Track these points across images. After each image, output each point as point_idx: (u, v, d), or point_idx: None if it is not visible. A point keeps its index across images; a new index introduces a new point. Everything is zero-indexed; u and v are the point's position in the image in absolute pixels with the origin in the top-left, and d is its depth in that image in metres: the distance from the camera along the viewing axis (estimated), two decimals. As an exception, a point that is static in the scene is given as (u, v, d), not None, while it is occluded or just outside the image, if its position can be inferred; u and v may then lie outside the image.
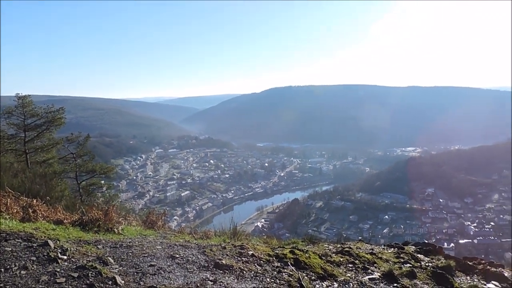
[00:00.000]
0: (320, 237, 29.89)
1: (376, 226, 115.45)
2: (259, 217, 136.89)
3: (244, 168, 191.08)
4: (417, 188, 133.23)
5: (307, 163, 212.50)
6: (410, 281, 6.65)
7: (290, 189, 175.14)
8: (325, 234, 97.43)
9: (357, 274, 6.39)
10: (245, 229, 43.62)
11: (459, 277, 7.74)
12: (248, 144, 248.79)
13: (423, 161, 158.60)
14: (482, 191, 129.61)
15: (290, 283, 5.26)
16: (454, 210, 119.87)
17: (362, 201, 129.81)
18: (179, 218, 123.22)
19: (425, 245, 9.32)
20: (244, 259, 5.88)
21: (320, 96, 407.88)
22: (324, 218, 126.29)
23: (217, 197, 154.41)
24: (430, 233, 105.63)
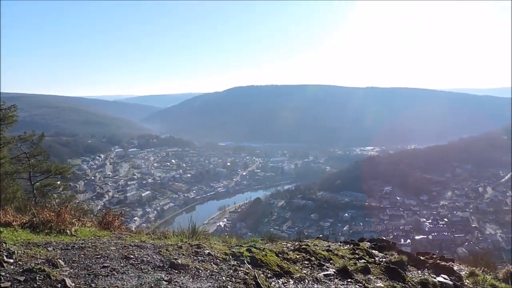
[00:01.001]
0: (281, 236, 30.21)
1: (336, 224, 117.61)
2: (221, 217, 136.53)
3: (206, 168, 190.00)
4: (375, 187, 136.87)
5: (269, 162, 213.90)
6: (364, 276, 6.83)
7: (252, 188, 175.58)
8: (287, 233, 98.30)
9: (312, 271, 6.49)
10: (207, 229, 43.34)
11: (411, 271, 8.02)
12: (210, 143, 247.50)
13: (381, 160, 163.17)
14: (437, 189, 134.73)
15: (246, 281, 5.28)
16: (411, 207, 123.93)
17: (323, 200, 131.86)
18: (140, 219, 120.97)
19: (379, 241, 9.60)
20: (200, 258, 5.85)
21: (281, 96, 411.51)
22: (286, 216, 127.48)
23: (178, 197, 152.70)
24: (388, 230, 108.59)
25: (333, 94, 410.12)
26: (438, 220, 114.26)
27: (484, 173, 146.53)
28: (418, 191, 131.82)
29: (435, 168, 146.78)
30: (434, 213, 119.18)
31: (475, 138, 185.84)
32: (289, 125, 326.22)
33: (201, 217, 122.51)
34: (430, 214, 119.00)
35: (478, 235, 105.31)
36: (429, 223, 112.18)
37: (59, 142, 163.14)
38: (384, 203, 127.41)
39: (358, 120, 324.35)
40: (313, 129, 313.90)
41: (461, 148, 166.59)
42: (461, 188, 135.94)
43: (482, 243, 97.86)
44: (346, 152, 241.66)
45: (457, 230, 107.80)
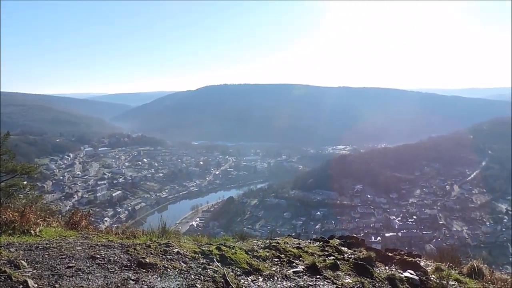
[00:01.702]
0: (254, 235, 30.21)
1: (309, 222, 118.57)
2: (194, 216, 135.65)
3: (179, 167, 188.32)
4: (347, 185, 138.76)
5: (242, 161, 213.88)
6: (333, 272, 6.91)
7: (225, 188, 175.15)
8: (260, 232, 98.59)
9: (282, 268, 6.53)
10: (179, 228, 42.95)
11: (379, 267, 8.17)
12: (183, 142, 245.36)
13: (353, 158, 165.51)
14: (406, 187, 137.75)
15: (215, 279, 5.26)
16: (381, 205, 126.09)
17: (296, 198, 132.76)
18: (111, 220, 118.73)
19: (348, 238, 9.74)
20: (169, 257, 5.79)
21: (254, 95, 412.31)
22: (259, 215, 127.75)
23: (150, 197, 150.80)
24: (359, 228, 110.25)
25: (306, 94, 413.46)
26: (407, 217, 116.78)
27: (451, 172, 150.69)
28: (388, 189, 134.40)
29: (404, 167, 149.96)
30: (404, 211, 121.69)
31: (443, 138, 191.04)
32: (262, 124, 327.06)
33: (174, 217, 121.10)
34: (399, 211, 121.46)
35: (446, 231, 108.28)
36: (399, 220, 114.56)
37: (26, 141, 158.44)
38: (355, 201, 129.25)
39: (331, 119, 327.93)
40: (286, 128, 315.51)
41: (430, 147, 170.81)
42: (429, 186, 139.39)
43: (449, 239, 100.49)
44: (318, 151, 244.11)
45: (426, 227, 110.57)
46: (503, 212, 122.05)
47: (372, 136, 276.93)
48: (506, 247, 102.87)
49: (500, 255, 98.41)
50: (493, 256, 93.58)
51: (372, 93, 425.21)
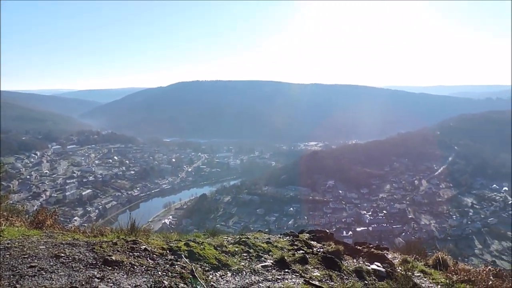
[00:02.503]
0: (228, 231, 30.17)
1: (281, 218, 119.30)
2: (167, 214, 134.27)
3: (151, 164, 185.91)
4: (319, 181, 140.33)
5: (215, 158, 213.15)
6: (302, 266, 6.99)
7: (198, 185, 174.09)
8: (233, 228, 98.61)
9: (251, 263, 6.56)
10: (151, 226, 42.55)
11: (347, 260, 8.31)
12: (154, 139, 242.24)
13: (324, 155, 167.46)
14: (376, 182, 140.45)
15: (183, 275, 5.23)
16: (352, 200, 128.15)
17: (269, 194, 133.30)
18: (80, 219, 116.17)
19: (318, 232, 9.86)
20: (136, 254, 5.71)
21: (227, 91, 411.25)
22: (232, 212, 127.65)
23: (122, 195, 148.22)
24: (331, 223, 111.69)
25: (278, 90, 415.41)
26: (378, 212, 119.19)
27: (420, 167, 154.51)
28: (359, 184, 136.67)
29: (374, 162, 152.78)
30: (374, 206, 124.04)
31: (412, 134, 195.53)
32: (235, 121, 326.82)
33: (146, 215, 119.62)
34: (370, 206, 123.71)
35: (414, 225, 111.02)
36: (369, 215, 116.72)
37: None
38: (327, 196, 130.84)
39: (303, 116, 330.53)
40: (259, 124, 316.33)
41: (399, 143, 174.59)
42: (398, 181, 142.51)
43: (417, 233, 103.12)
44: (291, 147, 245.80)
45: (395, 221, 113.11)
46: (468, 206, 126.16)
47: (343, 132, 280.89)
48: (471, 239, 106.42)
49: (465, 247, 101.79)
50: (459, 248, 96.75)
51: (343, 90, 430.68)
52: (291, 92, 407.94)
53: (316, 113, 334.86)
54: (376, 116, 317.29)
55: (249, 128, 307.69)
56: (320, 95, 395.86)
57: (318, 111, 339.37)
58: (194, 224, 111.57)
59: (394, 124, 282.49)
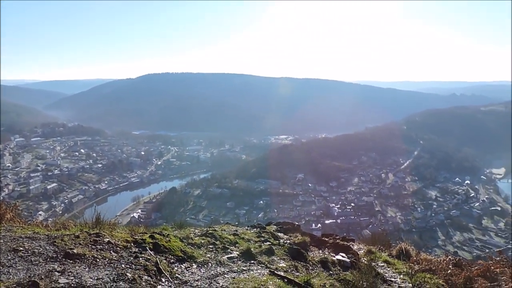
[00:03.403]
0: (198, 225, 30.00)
1: (252, 211, 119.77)
2: (136, 208, 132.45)
3: (119, 157, 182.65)
4: (289, 174, 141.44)
5: (185, 151, 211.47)
6: (268, 257, 7.04)
7: (168, 178, 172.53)
8: (203, 222, 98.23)
9: (216, 254, 6.56)
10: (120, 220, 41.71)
11: (313, 251, 8.43)
12: (123, 132, 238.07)
13: (294, 148, 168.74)
14: (345, 176, 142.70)
15: (147, 267, 5.18)
16: (321, 193, 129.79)
17: (239, 188, 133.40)
18: (45, 213, 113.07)
19: (285, 224, 9.96)
20: (99, 247, 5.60)
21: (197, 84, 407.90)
22: (202, 205, 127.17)
23: (88, 189, 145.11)
24: (301, 216, 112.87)
25: (249, 83, 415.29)
26: (346, 205, 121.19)
27: (387, 161, 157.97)
28: (328, 178, 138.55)
29: (343, 156, 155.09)
30: (342, 199, 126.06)
31: (379, 128, 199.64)
32: (205, 114, 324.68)
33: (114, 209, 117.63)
34: (338, 199, 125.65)
35: (381, 217, 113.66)
36: (338, 208, 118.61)
37: None
38: (297, 190, 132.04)
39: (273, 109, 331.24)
40: (229, 117, 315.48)
41: (367, 137, 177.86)
42: (366, 175, 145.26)
43: (384, 225, 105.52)
44: (261, 141, 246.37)
45: (363, 214, 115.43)
46: (432, 199, 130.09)
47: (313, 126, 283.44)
48: (435, 231, 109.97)
49: (429, 238, 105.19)
50: (423, 240, 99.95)
51: (313, 84, 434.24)
52: (262, 86, 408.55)
53: (286, 106, 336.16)
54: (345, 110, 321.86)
55: (220, 121, 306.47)
56: (291, 88, 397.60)
57: (288, 105, 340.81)
58: (164, 218, 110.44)
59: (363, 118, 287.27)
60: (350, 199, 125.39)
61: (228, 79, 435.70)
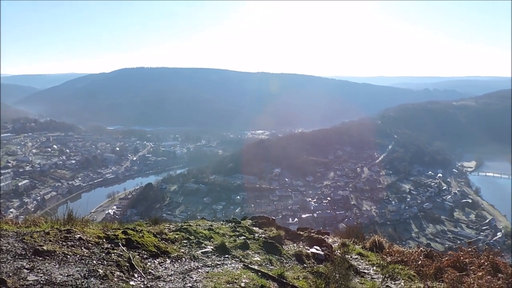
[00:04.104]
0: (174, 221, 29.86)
1: (229, 207, 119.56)
2: (111, 204, 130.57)
3: (93, 153, 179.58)
4: (266, 169, 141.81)
5: (161, 147, 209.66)
6: (242, 251, 7.06)
7: (144, 174, 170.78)
8: (180, 217, 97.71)
9: (191, 249, 6.54)
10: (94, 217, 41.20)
11: (287, 244, 8.49)
12: (97, 127, 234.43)
13: (271, 143, 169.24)
14: (321, 170, 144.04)
15: (119, 263, 5.12)
16: (298, 188, 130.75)
17: (216, 183, 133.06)
18: (16, 211, 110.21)
19: (260, 219, 9.97)
20: (70, 244, 5.50)
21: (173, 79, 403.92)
22: (178, 201, 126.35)
23: (62, 185, 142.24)
24: (278, 210, 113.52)
25: (225, 78, 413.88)
26: (322, 199, 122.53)
27: (362, 155, 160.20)
28: (305, 172, 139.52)
29: (319, 151, 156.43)
30: (319, 193, 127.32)
31: (355, 123, 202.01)
32: (182, 109, 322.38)
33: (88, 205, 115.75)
34: (315, 193, 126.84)
35: (356, 211, 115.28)
36: (314, 202, 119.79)
37: None
38: (273, 184, 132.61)
39: (250, 104, 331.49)
40: (206, 113, 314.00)
41: (343, 132, 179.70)
42: (342, 169, 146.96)
43: (359, 218, 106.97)
44: (238, 136, 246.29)
45: (339, 208, 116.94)
46: (406, 192, 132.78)
47: (289, 121, 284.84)
48: (409, 223, 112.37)
49: (403, 231, 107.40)
50: (398, 232, 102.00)
51: (290, 79, 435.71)
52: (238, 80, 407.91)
53: (263, 101, 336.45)
54: (321, 105, 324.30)
55: (196, 116, 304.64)
56: (267, 83, 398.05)
57: (265, 100, 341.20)
58: (139, 214, 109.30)
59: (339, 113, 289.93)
60: (326, 193, 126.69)
61: (205, 74, 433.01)
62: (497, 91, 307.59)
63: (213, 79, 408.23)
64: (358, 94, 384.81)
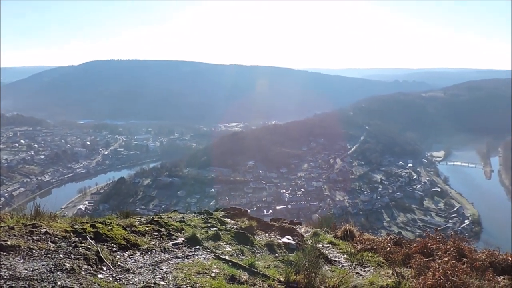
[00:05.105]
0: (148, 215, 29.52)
1: (203, 200, 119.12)
2: (82, 200, 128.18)
3: (63, 148, 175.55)
4: (240, 161, 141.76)
5: (133, 140, 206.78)
6: (214, 242, 7.07)
7: (116, 168, 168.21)
8: (154, 211, 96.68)
9: (161, 241, 6.51)
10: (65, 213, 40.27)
11: (259, 235, 8.55)
12: (66, 122, 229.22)
13: (245, 135, 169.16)
14: (295, 162, 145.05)
15: (87, 256, 5.04)
16: (272, 180, 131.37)
17: (190, 176, 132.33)
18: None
19: (232, 210, 10.02)
20: (35, 238, 5.38)
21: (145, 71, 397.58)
22: (152, 195, 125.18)
23: (31, 181, 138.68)
24: (252, 202, 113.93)
25: (198, 71, 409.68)
26: (296, 190, 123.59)
27: (335, 146, 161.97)
28: (279, 164, 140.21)
29: (293, 143, 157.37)
30: (293, 184, 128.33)
31: (327, 115, 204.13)
32: (154, 102, 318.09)
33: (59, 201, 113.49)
34: (289, 185, 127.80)
35: (330, 202, 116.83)
36: (288, 193, 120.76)
37: None
38: (248, 177, 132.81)
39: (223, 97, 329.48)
40: (178, 106, 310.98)
41: (316, 123, 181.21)
42: (315, 160, 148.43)
43: (333, 209, 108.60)
44: (211, 129, 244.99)
45: (312, 199, 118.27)
46: (378, 182, 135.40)
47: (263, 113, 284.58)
48: (380, 213, 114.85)
49: (376, 220, 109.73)
50: (370, 222, 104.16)
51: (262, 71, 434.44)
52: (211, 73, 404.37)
53: (236, 94, 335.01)
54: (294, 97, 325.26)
55: (169, 110, 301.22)
56: (240, 76, 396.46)
57: (238, 92, 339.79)
58: (112, 209, 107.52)
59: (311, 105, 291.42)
60: (300, 185, 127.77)
61: (176, 67, 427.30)
62: (465, 82, 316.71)
63: (186, 72, 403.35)
64: (330, 86, 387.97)
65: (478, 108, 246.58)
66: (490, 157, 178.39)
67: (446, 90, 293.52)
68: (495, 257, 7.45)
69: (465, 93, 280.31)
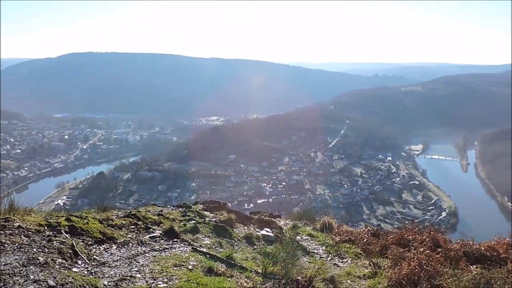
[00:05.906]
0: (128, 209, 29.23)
1: (184, 194, 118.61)
2: (60, 195, 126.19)
3: (40, 142, 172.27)
4: (221, 155, 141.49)
5: (113, 134, 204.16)
6: (192, 235, 7.06)
7: (95, 162, 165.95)
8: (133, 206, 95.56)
9: (138, 235, 6.46)
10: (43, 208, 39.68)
11: (238, 228, 8.57)
12: (43, 115, 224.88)
13: (226, 129, 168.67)
14: (276, 156, 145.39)
15: (61, 250, 4.97)
16: (253, 173, 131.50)
17: (170, 170, 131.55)
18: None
19: (211, 203, 10.01)
20: (8, 232, 5.27)
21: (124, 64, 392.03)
22: (132, 189, 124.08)
23: (7, 176, 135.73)
24: (233, 196, 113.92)
25: (178, 64, 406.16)
26: (277, 184, 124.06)
27: (315, 140, 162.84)
28: (260, 158, 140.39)
29: (274, 136, 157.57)
30: (274, 178, 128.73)
31: (308, 108, 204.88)
32: (134, 95, 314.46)
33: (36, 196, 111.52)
34: (270, 179, 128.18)
35: (311, 195, 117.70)
36: (269, 187, 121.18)
37: None
38: (229, 171, 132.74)
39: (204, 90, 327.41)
40: (159, 99, 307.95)
41: (296, 117, 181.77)
42: (296, 154, 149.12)
43: (314, 202, 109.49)
44: (192, 122, 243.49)
45: (293, 192, 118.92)
46: (358, 175, 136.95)
47: (244, 107, 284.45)
48: (360, 206, 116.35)
49: (355, 213, 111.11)
50: (350, 215, 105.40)
51: (243, 65, 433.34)
52: (192, 66, 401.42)
53: (217, 87, 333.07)
54: (275, 91, 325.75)
55: (149, 103, 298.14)
56: (221, 69, 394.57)
57: (219, 86, 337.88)
58: (91, 204, 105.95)
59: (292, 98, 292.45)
60: (281, 178, 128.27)
61: (157, 60, 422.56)
62: (442, 77, 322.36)
63: (166, 65, 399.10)
64: (311, 80, 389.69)
65: (455, 102, 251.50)
66: (466, 150, 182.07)
67: (424, 84, 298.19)
68: (468, 247, 7.63)
69: (442, 87, 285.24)
